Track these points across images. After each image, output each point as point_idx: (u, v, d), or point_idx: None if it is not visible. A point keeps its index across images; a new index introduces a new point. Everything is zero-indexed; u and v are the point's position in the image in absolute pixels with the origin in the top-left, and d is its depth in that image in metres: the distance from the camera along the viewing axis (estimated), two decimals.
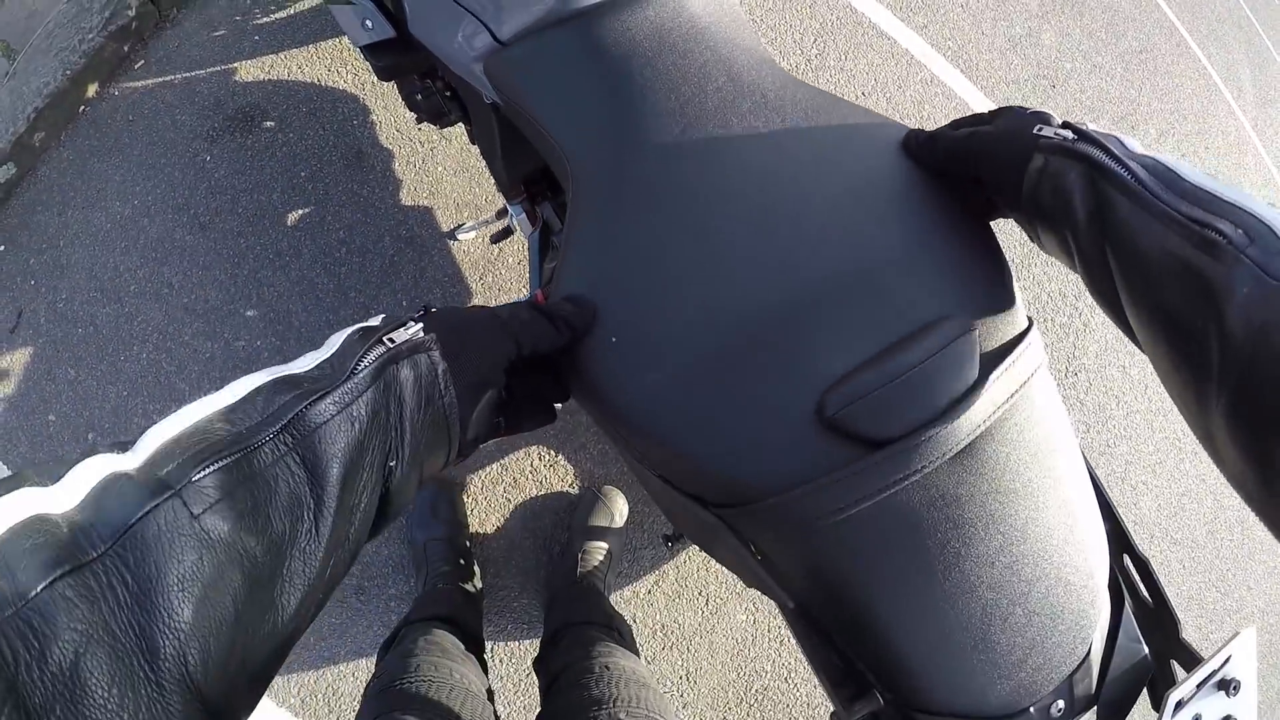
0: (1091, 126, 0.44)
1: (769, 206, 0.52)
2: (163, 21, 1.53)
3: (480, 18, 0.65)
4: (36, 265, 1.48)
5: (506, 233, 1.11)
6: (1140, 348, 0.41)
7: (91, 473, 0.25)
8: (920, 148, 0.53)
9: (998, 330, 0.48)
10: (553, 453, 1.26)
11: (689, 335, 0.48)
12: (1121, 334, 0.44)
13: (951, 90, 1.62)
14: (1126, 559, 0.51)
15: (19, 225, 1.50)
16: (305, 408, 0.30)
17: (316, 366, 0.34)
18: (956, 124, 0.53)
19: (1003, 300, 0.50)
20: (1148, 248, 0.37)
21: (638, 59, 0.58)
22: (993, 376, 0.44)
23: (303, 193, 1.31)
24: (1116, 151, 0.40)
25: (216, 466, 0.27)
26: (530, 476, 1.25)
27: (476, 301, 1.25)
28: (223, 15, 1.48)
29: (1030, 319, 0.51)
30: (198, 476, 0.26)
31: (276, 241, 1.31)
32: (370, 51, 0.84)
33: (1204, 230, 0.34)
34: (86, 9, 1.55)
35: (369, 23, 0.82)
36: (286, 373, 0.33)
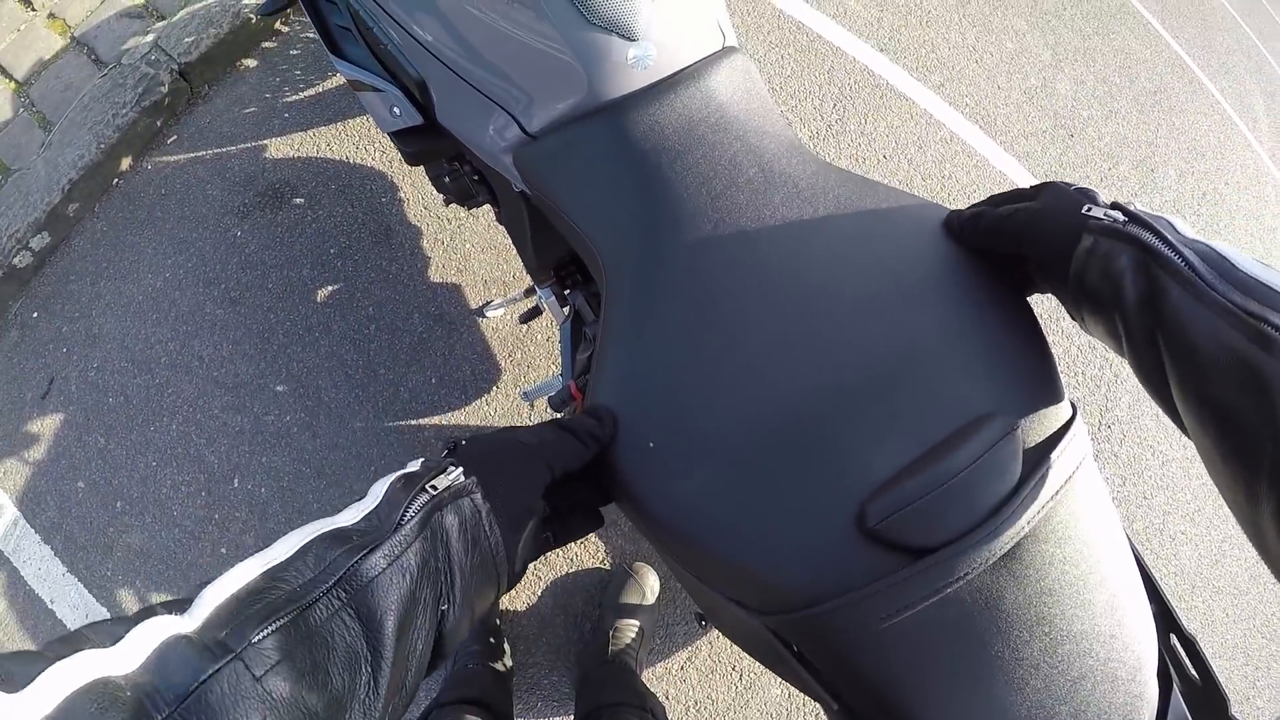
0: (1139, 207, 0.43)
1: (805, 301, 0.52)
2: (195, 98, 1.57)
3: (509, 110, 0.65)
4: (69, 333, 1.51)
5: (535, 312, 1.11)
6: (1185, 433, 0.40)
7: (151, 634, 0.26)
8: (962, 227, 0.53)
9: (1041, 424, 0.47)
10: None
11: (727, 438, 0.47)
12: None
13: (971, 147, 1.63)
14: (1173, 638, 0.50)
15: (53, 293, 1.54)
16: (356, 563, 0.31)
17: (364, 519, 0.35)
18: (997, 200, 0.53)
19: (1045, 389, 0.49)
20: (1200, 338, 0.36)
21: (668, 153, 0.58)
22: (1036, 478, 0.44)
23: (332, 269, 1.33)
24: (1169, 236, 0.40)
25: (275, 627, 0.27)
26: (561, 553, 1.24)
27: (506, 379, 1.26)
28: (253, 92, 1.52)
29: (1074, 406, 0.50)
30: (257, 638, 0.27)
31: (306, 317, 1.33)
32: (398, 137, 0.85)
33: (1259, 324, 0.34)
34: (120, 84, 1.60)
35: (396, 109, 0.82)
36: (334, 526, 0.34)
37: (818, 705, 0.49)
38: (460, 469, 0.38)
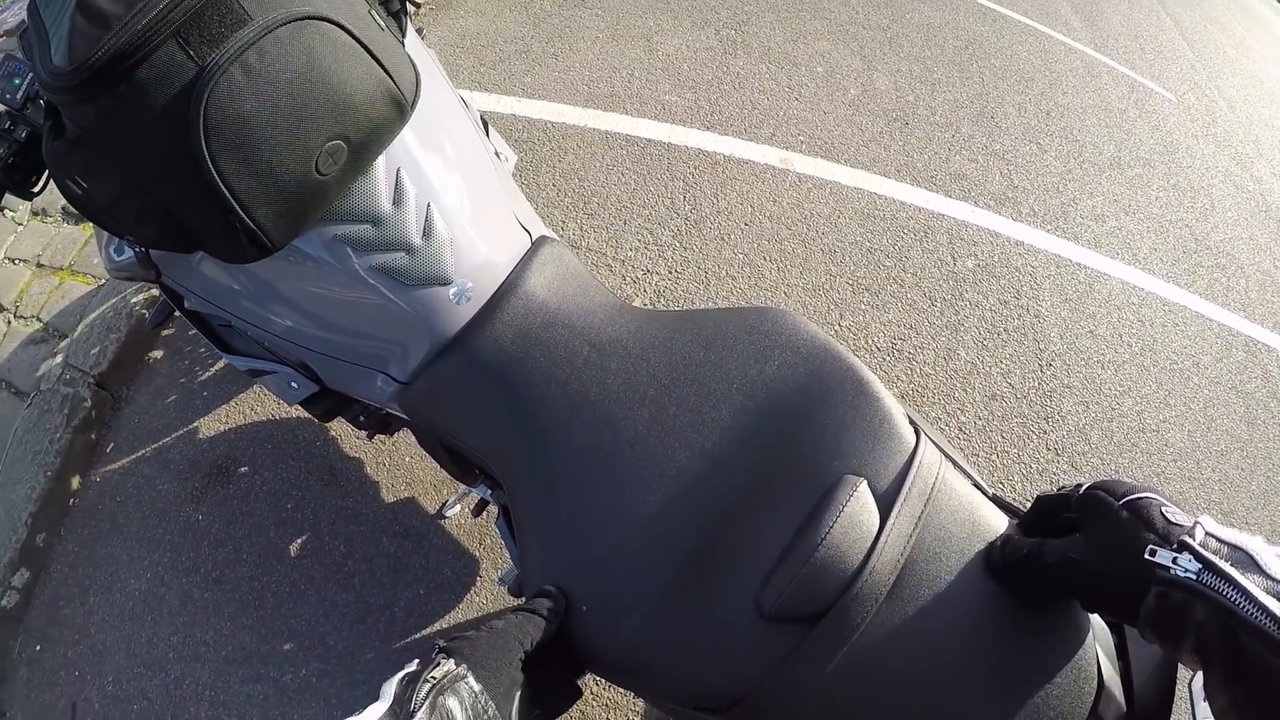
0: (1208, 531, 0.38)
1: (667, 442, 0.59)
2: (118, 402, 1.65)
3: (380, 369, 0.73)
4: (75, 656, 1.54)
5: (484, 503, 1.19)
6: None
7: None
8: (1008, 567, 0.51)
9: (888, 463, 0.54)
10: (600, 684, 1.29)
11: (643, 582, 0.54)
12: (1069, 301, 0.42)
13: (819, 178, 1.74)
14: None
15: (48, 623, 1.57)
16: None
17: (385, 714, 0.42)
18: (1038, 512, 0.51)
19: (883, 432, 0.55)
20: None
21: (513, 364, 0.66)
22: (895, 513, 0.50)
23: (294, 523, 1.40)
24: (1252, 588, 0.34)
25: None
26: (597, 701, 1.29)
27: (485, 566, 1.32)
28: (169, 382, 1.59)
29: (916, 429, 0.56)
30: None
31: (288, 574, 1.38)
32: (304, 405, 0.92)
33: None
34: (47, 410, 1.67)
35: (294, 384, 0.89)
36: None
37: None
38: (451, 660, 0.46)
